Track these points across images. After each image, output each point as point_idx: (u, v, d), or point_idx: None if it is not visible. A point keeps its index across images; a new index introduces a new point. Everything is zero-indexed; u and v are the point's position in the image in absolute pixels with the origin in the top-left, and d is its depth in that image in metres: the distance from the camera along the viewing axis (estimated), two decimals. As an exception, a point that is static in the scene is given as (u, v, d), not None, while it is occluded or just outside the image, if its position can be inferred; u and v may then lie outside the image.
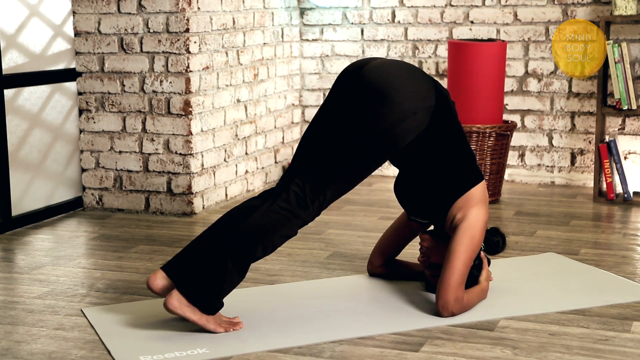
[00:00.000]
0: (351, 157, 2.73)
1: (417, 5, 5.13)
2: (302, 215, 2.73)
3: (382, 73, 2.78)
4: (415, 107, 2.73)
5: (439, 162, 2.86)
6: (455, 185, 2.87)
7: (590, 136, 4.90)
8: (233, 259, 2.69)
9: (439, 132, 2.82)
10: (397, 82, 2.76)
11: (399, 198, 3.05)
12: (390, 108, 2.71)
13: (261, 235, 2.71)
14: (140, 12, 4.26)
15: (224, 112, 4.55)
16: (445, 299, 2.79)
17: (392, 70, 2.81)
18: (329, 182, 2.73)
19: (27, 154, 4.22)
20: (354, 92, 2.78)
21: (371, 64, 2.83)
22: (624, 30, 4.73)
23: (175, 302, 2.67)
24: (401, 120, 2.72)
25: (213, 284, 2.68)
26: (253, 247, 2.70)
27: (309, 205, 2.73)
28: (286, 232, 2.74)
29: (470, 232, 2.82)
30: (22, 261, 3.61)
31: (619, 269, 3.39)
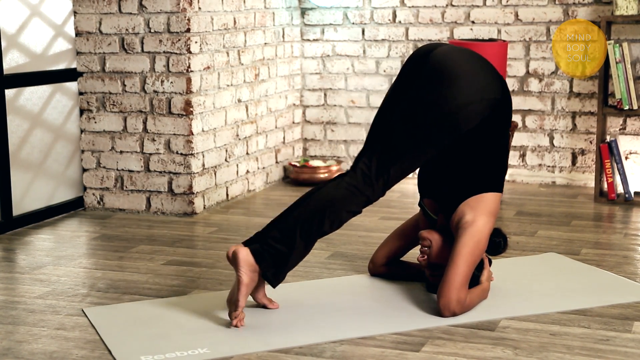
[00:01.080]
0: (415, 136, 2.79)
1: (418, 5, 5.13)
2: (367, 192, 2.81)
3: (451, 57, 2.85)
4: (481, 95, 2.79)
5: (477, 155, 2.89)
6: (478, 180, 2.89)
7: (591, 136, 4.90)
8: (302, 231, 2.77)
9: (492, 128, 2.87)
10: (467, 67, 2.82)
11: (420, 175, 3.07)
12: (458, 91, 2.77)
13: (328, 209, 2.78)
14: (141, 12, 4.26)
15: (225, 112, 4.55)
16: (448, 299, 2.79)
17: (463, 56, 2.87)
18: (393, 160, 2.80)
19: (28, 154, 4.22)
20: (423, 75, 2.83)
21: (440, 49, 2.89)
22: (625, 30, 4.73)
23: (243, 254, 2.73)
24: (467, 105, 2.77)
25: (282, 256, 2.76)
26: (320, 220, 2.78)
27: (373, 183, 2.80)
28: (352, 207, 2.81)
29: (477, 238, 2.83)
30: (23, 261, 3.61)
31: (620, 269, 3.39)
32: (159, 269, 3.44)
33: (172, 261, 3.55)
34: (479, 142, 2.87)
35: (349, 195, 2.80)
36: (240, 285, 2.74)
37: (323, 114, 5.39)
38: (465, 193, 2.89)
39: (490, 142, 2.90)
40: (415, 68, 2.89)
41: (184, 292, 3.15)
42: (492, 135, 2.89)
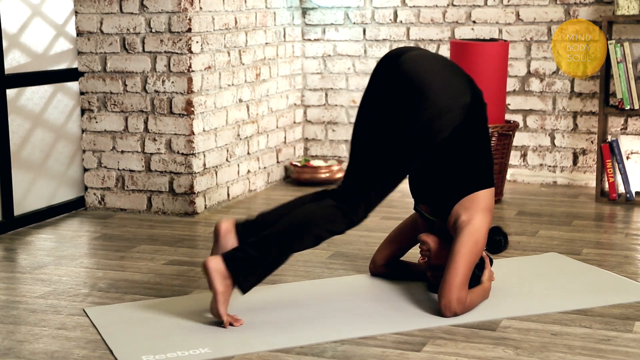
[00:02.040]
0: (391, 156, 2.80)
1: (419, 5, 5.13)
2: (350, 215, 2.81)
3: (419, 67, 2.83)
4: (451, 104, 2.79)
5: (460, 157, 2.89)
6: (467, 182, 2.89)
7: (592, 136, 4.90)
8: (277, 245, 2.76)
9: (469, 130, 2.86)
10: (433, 77, 2.81)
11: (411, 183, 3.06)
12: (427, 105, 2.76)
13: (308, 226, 2.78)
14: (142, 12, 4.26)
15: (226, 112, 4.55)
16: (448, 299, 2.79)
17: (429, 65, 2.86)
18: (372, 183, 2.81)
19: (29, 153, 4.22)
20: (392, 86, 2.83)
21: (409, 56, 2.87)
22: (626, 30, 4.73)
23: (212, 264, 2.72)
24: (437, 117, 2.77)
25: (255, 263, 2.75)
26: (299, 235, 2.78)
27: (355, 207, 2.81)
28: (333, 227, 2.81)
29: (475, 237, 2.83)
30: (25, 261, 3.61)
31: (621, 269, 3.39)
32: (160, 268, 3.44)
33: (173, 261, 3.55)
34: (461, 146, 2.87)
35: (332, 216, 2.79)
36: (216, 296, 2.73)
37: (324, 113, 5.39)
38: (456, 196, 2.89)
39: (472, 143, 2.89)
40: (385, 77, 2.88)
41: (185, 292, 3.15)
42: (471, 136, 2.88)
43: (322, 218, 2.79)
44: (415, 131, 2.77)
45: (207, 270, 2.73)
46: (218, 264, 2.74)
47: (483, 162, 2.93)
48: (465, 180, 2.89)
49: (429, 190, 2.99)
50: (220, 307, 2.73)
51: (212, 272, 2.72)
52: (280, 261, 2.80)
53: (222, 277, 2.73)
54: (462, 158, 2.89)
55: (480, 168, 2.92)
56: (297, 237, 2.79)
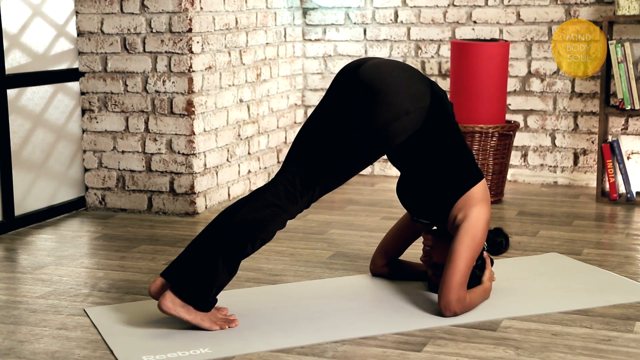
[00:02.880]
0: (342, 154, 2.76)
1: (419, 5, 5.13)
2: (290, 209, 2.76)
3: (377, 73, 2.79)
4: (408, 107, 2.75)
5: (437, 162, 2.87)
6: (454, 185, 2.88)
7: (593, 136, 4.90)
8: (223, 257, 2.70)
9: (435, 132, 2.83)
10: (391, 81, 2.77)
11: (402, 200, 3.05)
12: (384, 107, 2.72)
13: (250, 232, 2.73)
14: (143, 12, 4.27)
15: (227, 112, 4.55)
16: (448, 299, 2.79)
17: (388, 70, 2.82)
18: (319, 177, 2.76)
19: (30, 153, 4.22)
20: (349, 91, 2.80)
21: (367, 64, 2.84)
22: (627, 30, 4.73)
23: (168, 303, 2.69)
24: (394, 120, 2.73)
25: (204, 281, 2.69)
26: (242, 244, 2.72)
27: (297, 200, 2.76)
28: (274, 227, 2.76)
29: (472, 232, 2.82)
30: (25, 261, 3.61)
31: (622, 269, 3.39)
32: (160, 269, 3.44)
33: (174, 261, 3.55)
34: (432, 150, 2.84)
35: (272, 216, 2.74)
36: (192, 323, 2.70)
37: (325, 114, 5.38)
38: (449, 202, 2.88)
39: (444, 144, 2.86)
40: (343, 85, 2.84)
41: (185, 292, 3.15)
42: (440, 138, 2.85)
43: (264, 222, 2.73)
44: (371, 132, 2.72)
45: (167, 312, 2.69)
46: (172, 300, 2.68)
47: (463, 159, 2.91)
48: (452, 184, 2.88)
49: (421, 204, 2.98)
50: (204, 325, 2.71)
51: (173, 311, 2.68)
52: (231, 273, 2.74)
53: (185, 309, 2.69)
54: (442, 162, 2.87)
55: (462, 166, 2.90)
56: (241, 247, 2.72)
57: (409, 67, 2.90)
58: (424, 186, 2.92)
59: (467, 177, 2.89)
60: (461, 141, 2.92)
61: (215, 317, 2.75)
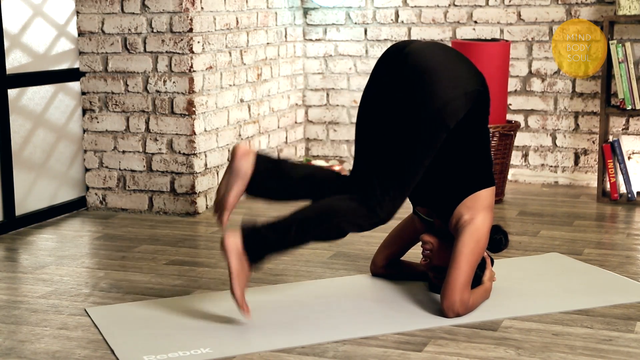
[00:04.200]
0: (409, 151, 2.76)
1: (420, 5, 5.13)
2: (377, 210, 2.78)
3: (427, 54, 2.81)
4: (463, 89, 2.76)
5: (460, 155, 2.87)
6: (468, 182, 2.88)
7: (593, 136, 4.90)
8: (298, 229, 2.74)
9: (473, 122, 2.85)
10: (443, 63, 2.79)
11: None
12: (439, 88, 2.73)
13: (333, 216, 2.75)
14: (143, 12, 4.27)
15: (227, 112, 4.55)
16: (451, 300, 2.79)
17: (438, 52, 2.84)
18: (394, 180, 2.77)
19: (30, 153, 4.22)
20: (400, 77, 2.80)
21: (415, 46, 2.85)
22: (627, 30, 4.73)
23: (231, 241, 2.71)
24: (450, 101, 2.73)
25: (271, 244, 2.73)
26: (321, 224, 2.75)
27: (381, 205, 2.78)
28: (358, 221, 2.78)
29: (477, 236, 2.82)
30: (26, 261, 3.61)
31: (622, 269, 3.39)
32: (161, 268, 3.44)
33: (175, 261, 3.55)
34: (463, 140, 2.85)
35: (358, 210, 2.77)
36: (232, 275, 2.71)
37: (325, 114, 5.39)
38: (459, 196, 2.88)
39: (473, 138, 2.88)
40: (391, 69, 2.85)
41: (186, 291, 3.15)
42: (474, 130, 2.87)
43: (348, 211, 2.76)
44: (430, 116, 2.73)
45: (224, 248, 2.71)
46: (236, 242, 2.72)
47: (484, 159, 2.92)
48: (467, 180, 2.89)
49: (430, 193, 2.98)
50: (236, 287, 2.71)
51: (230, 251, 2.71)
52: (296, 245, 2.79)
53: (238, 256, 2.71)
54: (465, 154, 2.88)
55: (481, 166, 2.91)
56: (319, 225, 2.76)
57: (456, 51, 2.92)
58: (438, 175, 2.91)
59: (482, 178, 2.90)
60: (488, 142, 2.94)
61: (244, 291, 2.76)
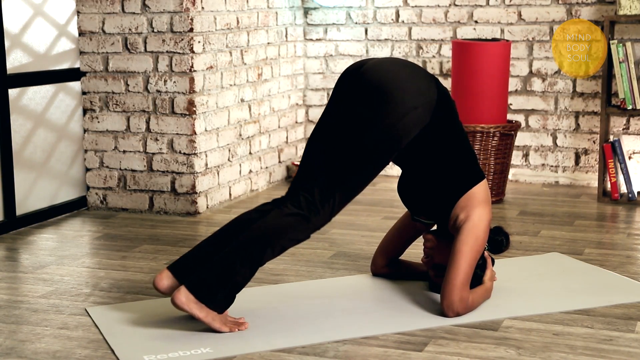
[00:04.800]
0: (357, 158, 2.73)
1: (421, 5, 5.13)
2: (313, 219, 2.73)
3: (381, 71, 2.79)
4: (415, 102, 2.74)
5: (440, 160, 2.87)
6: (456, 184, 2.88)
7: (594, 136, 4.90)
8: (242, 260, 2.69)
9: (440, 129, 2.83)
10: (396, 78, 2.77)
11: (403, 198, 3.05)
12: (391, 105, 2.71)
13: (271, 238, 2.71)
14: (144, 12, 4.27)
15: (228, 111, 4.55)
16: (451, 299, 2.79)
17: (391, 68, 2.82)
18: (337, 185, 2.73)
19: (31, 153, 4.22)
20: (355, 93, 2.79)
21: (369, 64, 2.84)
22: (628, 30, 4.73)
23: (182, 298, 2.67)
24: (403, 116, 2.72)
25: (221, 282, 2.68)
26: (262, 249, 2.70)
27: (319, 210, 2.72)
28: (296, 235, 2.74)
29: (475, 233, 2.82)
30: (26, 260, 3.61)
31: (623, 269, 3.39)
32: (161, 268, 3.44)
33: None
34: (438, 147, 2.84)
35: (294, 224, 2.72)
36: (203, 321, 2.69)
37: (326, 113, 5.39)
38: (450, 200, 2.88)
39: (448, 142, 2.86)
40: (347, 87, 2.83)
41: (187, 291, 3.15)
42: (445, 135, 2.85)
43: (284, 228, 2.71)
44: (382, 131, 2.71)
45: (179, 306, 2.67)
46: (187, 296, 2.67)
47: (466, 158, 2.91)
48: (454, 183, 2.88)
49: (422, 203, 2.98)
50: (215, 325, 2.69)
51: (185, 306, 2.66)
52: (247, 277, 2.72)
53: (197, 306, 2.68)
54: (445, 160, 2.86)
55: (465, 165, 2.90)
56: (261, 251, 2.70)
57: (411, 63, 2.90)
58: (425, 184, 2.91)
59: (469, 177, 2.89)
60: (464, 139, 2.92)
61: (226, 318, 2.74)
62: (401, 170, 3.04)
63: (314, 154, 2.83)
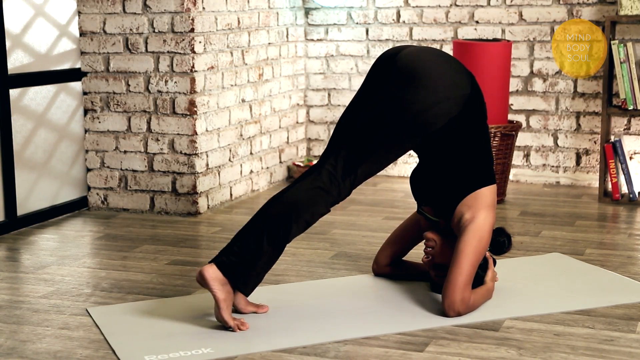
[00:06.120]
0: (383, 137, 2.78)
1: (422, 5, 5.13)
2: (333, 192, 2.78)
3: (418, 59, 2.84)
4: (448, 93, 2.78)
5: (459, 154, 2.89)
6: (468, 180, 2.88)
7: (595, 136, 4.90)
8: (268, 237, 2.74)
9: (466, 125, 2.86)
10: (432, 67, 2.82)
11: (413, 187, 3.06)
12: (425, 91, 2.76)
13: (293, 213, 2.76)
14: (145, 12, 4.27)
15: (229, 112, 4.55)
16: (452, 299, 2.79)
17: (429, 57, 2.87)
18: (360, 160, 2.78)
19: (32, 153, 4.23)
20: (390, 76, 2.83)
21: (407, 50, 2.89)
22: (629, 30, 4.73)
23: (210, 272, 2.71)
24: (434, 105, 2.76)
25: (249, 263, 2.74)
26: (287, 225, 2.75)
27: (339, 183, 2.78)
28: (318, 209, 2.79)
29: (479, 234, 2.82)
30: (28, 261, 3.61)
31: (624, 269, 3.39)
32: (162, 268, 3.45)
33: (176, 261, 3.55)
34: (460, 141, 2.87)
35: (314, 197, 2.77)
36: (219, 303, 2.72)
37: (327, 114, 5.39)
38: (459, 194, 2.89)
39: (471, 138, 2.89)
40: (382, 71, 2.89)
41: (188, 291, 3.16)
42: (470, 131, 2.88)
43: (306, 203, 2.77)
44: (411, 117, 2.76)
45: (205, 280, 2.72)
46: (215, 272, 2.73)
47: (484, 158, 2.92)
48: (467, 178, 2.89)
49: (432, 191, 2.99)
50: (224, 313, 2.72)
51: (211, 281, 2.71)
52: (275, 256, 2.79)
53: (221, 284, 2.73)
54: (463, 155, 2.89)
55: (481, 165, 2.91)
56: (285, 228, 2.76)
57: (449, 55, 2.94)
58: (438, 174, 2.93)
59: (482, 176, 2.90)
60: (486, 141, 2.94)
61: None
62: (418, 160, 3.05)
63: (343, 129, 2.88)
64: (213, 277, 2.72)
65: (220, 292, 2.72)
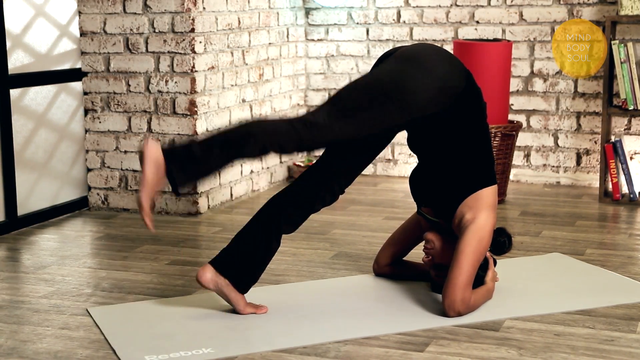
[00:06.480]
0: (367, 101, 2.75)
1: (422, 5, 5.13)
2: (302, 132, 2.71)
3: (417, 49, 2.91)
4: (440, 83, 2.79)
5: (458, 154, 2.88)
6: (469, 180, 2.88)
7: (596, 136, 4.90)
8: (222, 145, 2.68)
9: (463, 123, 2.86)
10: (429, 57, 2.85)
11: (413, 189, 3.05)
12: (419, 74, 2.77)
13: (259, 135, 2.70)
14: (145, 12, 4.27)
15: (229, 112, 4.55)
16: (452, 299, 2.79)
17: (428, 50, 2.91)
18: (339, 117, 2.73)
19: (32, 153, 4.23)
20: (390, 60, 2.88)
21: (410, 45, 2.97)
22: (630, 30, 4.73)
23: (152, 150, 2.63)
24: (424, 89, 2.77)
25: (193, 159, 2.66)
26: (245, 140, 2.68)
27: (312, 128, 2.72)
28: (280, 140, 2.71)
29: (480, 235, 2.82)
30: (28, 261, 3.61)
31: (624, 269, 3.39)
32: (163, 268, 3.45)
33: (177, 261, 3.55)
34: (460, 141, 2.87)
35: (283, 131, 2.72)
36: (143, 181, 2.62)
37: (327, 114, 5.38)
38: (460, 195, 2.89)
39: (471, 138, 2.89)
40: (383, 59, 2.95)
41: (188, 292, 3.16)
42: (469, 130, 2.88)
43: (274, 131, 2.72)
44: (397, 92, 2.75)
45: (143, 154, 2.63)
46: (157, 151, 2.63)
47: (484, 159, 2.92)
48: (468, 179, 2.89)
49: (432, 192, 2.99)
50: (143, 193, 2.64)
51: (147, 158, 2.62)
52: (218, 164, 2.70)
53: (155, 165, 2.63)
54: (464, 156, 2.88)
55: (482, 165, 2.91)
56: (243, 142, 2.69)
57: (450, 54, 2.96)
58: (438, 175, 2.93)
59: (483, 177, 2.90)
60: (487, 142, 2.94)
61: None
62: (417, 161, 3.04)
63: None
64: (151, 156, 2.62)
65: (150, 172, 2.62)
